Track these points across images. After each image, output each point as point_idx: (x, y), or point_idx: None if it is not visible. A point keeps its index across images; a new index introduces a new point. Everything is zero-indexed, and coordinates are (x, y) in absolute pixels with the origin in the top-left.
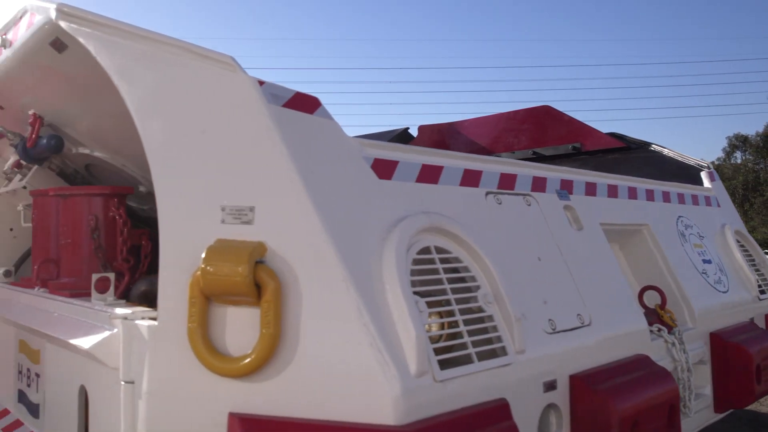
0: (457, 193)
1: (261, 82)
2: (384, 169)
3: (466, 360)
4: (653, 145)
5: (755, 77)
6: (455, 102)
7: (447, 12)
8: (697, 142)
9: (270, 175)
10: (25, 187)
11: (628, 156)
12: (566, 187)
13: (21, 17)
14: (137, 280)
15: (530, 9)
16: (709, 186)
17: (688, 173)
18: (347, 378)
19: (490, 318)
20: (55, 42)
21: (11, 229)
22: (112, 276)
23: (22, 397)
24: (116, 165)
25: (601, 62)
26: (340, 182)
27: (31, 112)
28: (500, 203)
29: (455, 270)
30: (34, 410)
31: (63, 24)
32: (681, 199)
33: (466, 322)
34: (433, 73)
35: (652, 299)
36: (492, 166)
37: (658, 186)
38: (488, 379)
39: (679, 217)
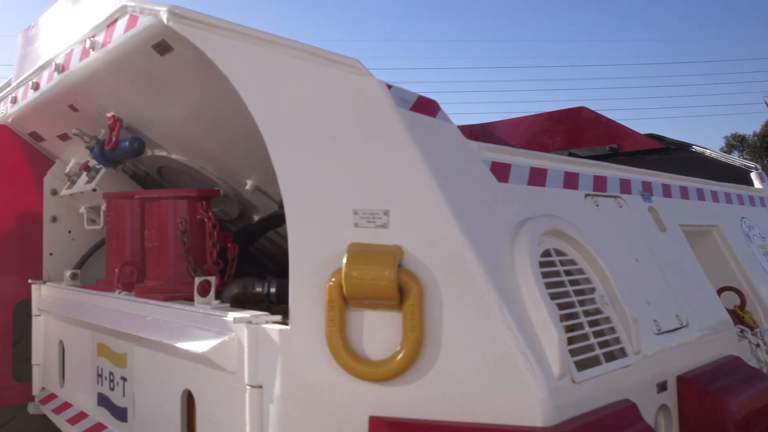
0: (562, 195)
1: (389, 86)
2: (501, 172)
3: (594, 361)
4: (694, 146)
5: (753, 77)
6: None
7: (453, 12)
8: (694, 141)
9: (405, 179)
10: (94, 190)
11: (667, 157)
12: (647, 189)
13: (117, 19)
14: (228, 283)
15: (529, 10)
16: (761, 187)
17: (732, 174)
18: (492, 380)
19: (607, 320)
20: (159, 44)
21: (69, 232)
22: (213, 279)
23: (103, 401)
24: (194, 167)
25: (600, 62)
26: (468, 186)
27: (109, 115)
28: (597, 205)
29: (570, 272)
30: (120, 413)
31: (176, 27)
32: (741, 200)
33: (589, 324)
34: (454, 74)
35: (728, 300)
36: (585, 168)
37: (721, 187)
38: (614, 380)
39: (743, 218)
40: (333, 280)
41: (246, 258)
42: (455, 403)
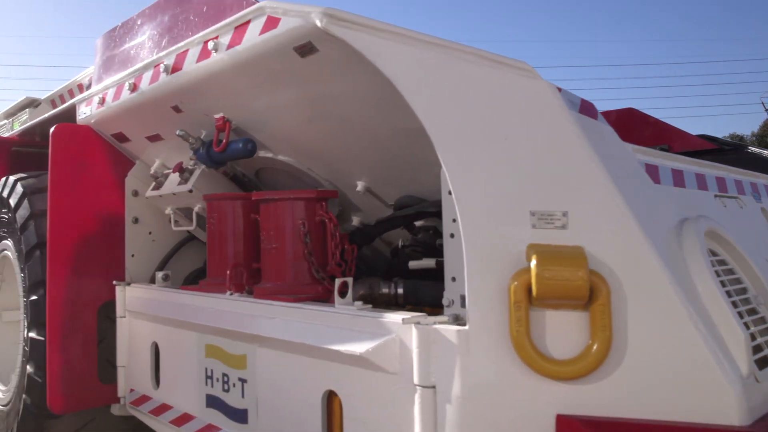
0: (698, 196)
1: (559, 89)
2: (652, 173)
3: (765, 362)
4: (750, 148)
5: (751, 77)
6: None
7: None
8: None
9: (582, 181)
10: (191, 191)
11: (720, 158)
12: (755, 190)
13: (250, 21)
14: (354, 285)
15: (528, 10)
16: None
17: None
18: (683, 378)
19: (762, 320)
20: (303, 46)
21: (150, 233)
22: (350, 280)
23: (214, 402)
24: (301, 169)
25: (598, 63)
26: (635, 187)
27: (218, 116)
28: (725, 206)
29: (721, 273)
30: (237, 415)
31: (332, 29)
32: None
33: (753, 324)
34: None
35: None
36: (708, 170)
37: None
38: None
39: None
40: (518, 280)
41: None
42: (645, 402)
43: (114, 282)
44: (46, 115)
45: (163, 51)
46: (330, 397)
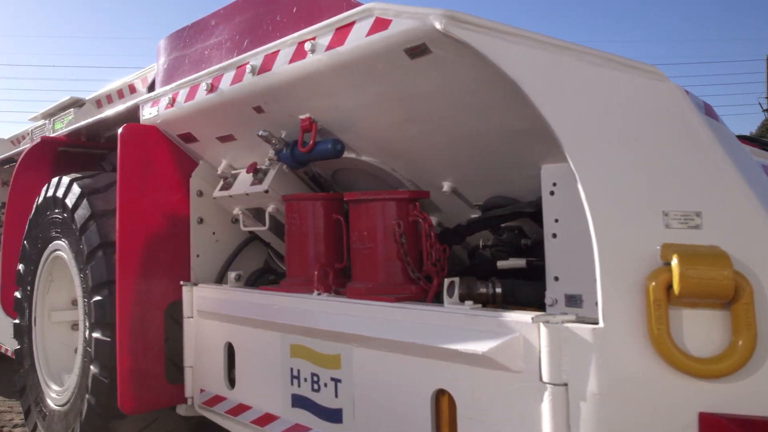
0: None
1: (686, 91)
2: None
3: None
4: None
5: (750, 78)
6: None
7: None
8: None
9: (717, 182)
10: (267, 191)
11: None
12: None
13: (354, 22)
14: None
15: (525, 11)
16: None
17: None
18: None
19: None
20: (416, 48)
21: (213, 233)
22: (457, 280)
23: (301, 402)
24: (385, 169)
25: None
26: (763, 187)
27: (304, 116)
28: None
29: None
30: (329, 415)
31: (454, 31)
32: None
33: None
34: None
35: None
36: None
37: None
38: None
39: None
40: (656, 280)
41: None
42: None
43: (181, 282)
44: (106, 113)
45: (247, 52)
46: (437, 396)
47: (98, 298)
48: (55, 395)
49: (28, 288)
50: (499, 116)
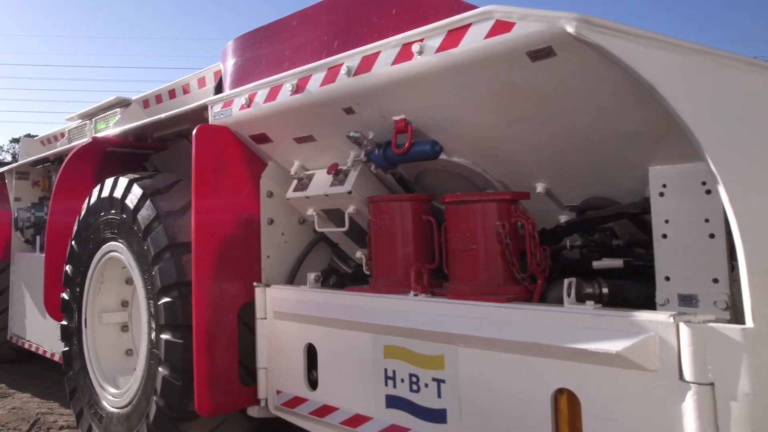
0: None
1: None
2: None
3: None
4: None
5: None
6: None
7: None
8: None
9: None
10: (350, 192)
11: None
12: None
13: (469, 24)
14: (555, 284)
15: None
16: None
17: None
18: None
19: None
20: (540, 51)
21: (282, 234)
22: (574, 280)
23: (397, 403)
24: (476, 170)
25: None
26: None
27: (399, 118)
28: None
29: None
30: (432, 415)
31: (588, 35)
32: None
33: None
34: None
35: None
36: None
37: None
38: None
39: None
40: None
41: None
42: None
43: (254, 284)
44: (173, 112)
45: (338, 53)
46: (555, 395)
47: (167, 299)
48: (112, 397)
49: (77, 289)
50: (615, 118)
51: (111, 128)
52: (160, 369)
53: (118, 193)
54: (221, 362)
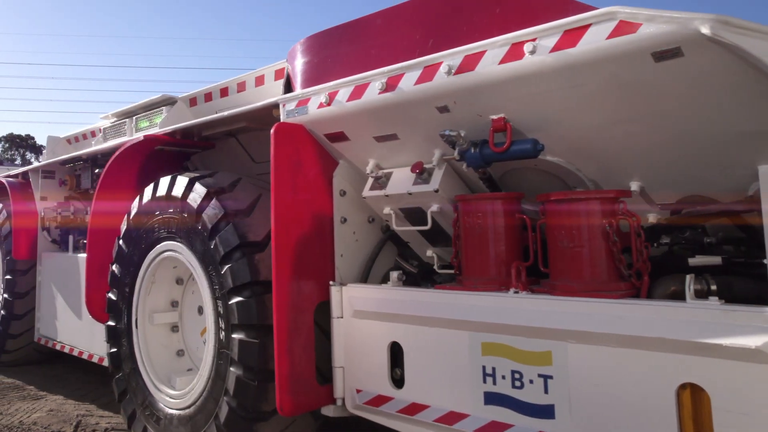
0: None
1: None
2: None
3: None
4: None
5: None
6: None
7: None
8: None
9: None
10: (436, 190)
11: None
12: None
13: (589, 25)
14: (662, 280)
15: None
16: None
17: None
18: None
19: None
20: (667, 51)
21: (354, 233)
22: (692, 276)
23: (497, 399)
24: (569, 169)
25: None
26: None
27: (497, 116)
28: None
29: None
30: (538, 411)
31: (728, 36)
32: None
33: None
34: None
35: None
36: None
37: None
38: None
39: None
40: None
41: None
42: None
43: (330, 283)
44: (240, 110)
45: (433, 53)
46: (678, 390)
47: (240, 299)
48: (171, 399)
49: (126, 290)
50: (732, 117)
51: (157, 126)
52: (232, 369)
53: (177, 192)
54: (300, 362)
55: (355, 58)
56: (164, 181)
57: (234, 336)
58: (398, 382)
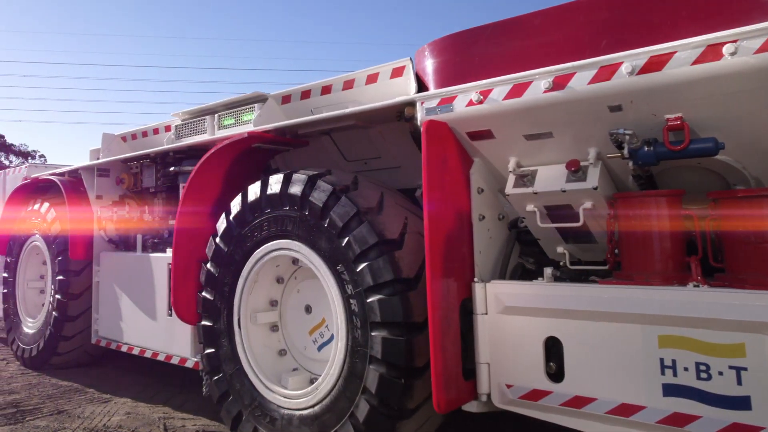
0: None
1: None
2: None
3: None
4: None
5: None
6: None
7: None
8: None
9: None
10: (595, 188)
11: None
12: None
13: None
14: None
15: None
16: None
17: None
18: None
19: None
20: None
21: (488, 230)
22: None
23: (680, 391)
24: (735, 167)
25: None
26: None
27: (675, 116)
28: None
29: None
30: (730, 402)
31: None
32: None
33: None
34: None
35: None
36: None
37: None
38: None
39: None
40: None
41: None
42: None
43: (474, 279)
44: (372, 106)
45: (606, 54)
46: None
47: (381, 297)
48: (287, 398)
49: (226, 289)
50: None
51: (249, 124)
52: (372, 367)
53: (295, 190)
54: (451, 358)
55: (507, 57)
56: (275, 179)
57: (374, 334)
58: (553, 376)
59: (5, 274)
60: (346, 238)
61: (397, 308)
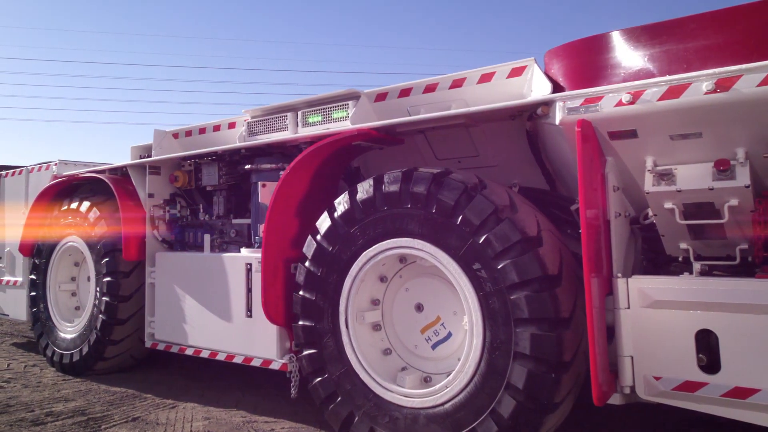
0: None
1: None
2: None
3: None
4: None
5: None
6: None
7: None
8: None
9: None
10: (748, 186)
11: None
12: None
13: None
14: None
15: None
16: None
17: None
18: None
19: None
20: None
21: (619, 227)
22: None
23: None
24: None
25: None
26: None
27: None
28: None
29: None
30: None
31: None
32: None
33: None
34: None
35: None
36: None
37: None
38: None
39: None
40: None
41: None
42: None
43: (618, 275)
44: (495, 105)
45: None
46: None
47: (529, 293)
48: (408, 397)
49: (330, 289)
50: None
51: (345, 119)
52: (518, 364)
53: (419, 188)
54: (603, 353)
55: (663, 59)
56: (391, 177)
57: (520, 330)
58: (705, 368)
59: (33, 276)
60: (485, 236)
61: (546, 304)
